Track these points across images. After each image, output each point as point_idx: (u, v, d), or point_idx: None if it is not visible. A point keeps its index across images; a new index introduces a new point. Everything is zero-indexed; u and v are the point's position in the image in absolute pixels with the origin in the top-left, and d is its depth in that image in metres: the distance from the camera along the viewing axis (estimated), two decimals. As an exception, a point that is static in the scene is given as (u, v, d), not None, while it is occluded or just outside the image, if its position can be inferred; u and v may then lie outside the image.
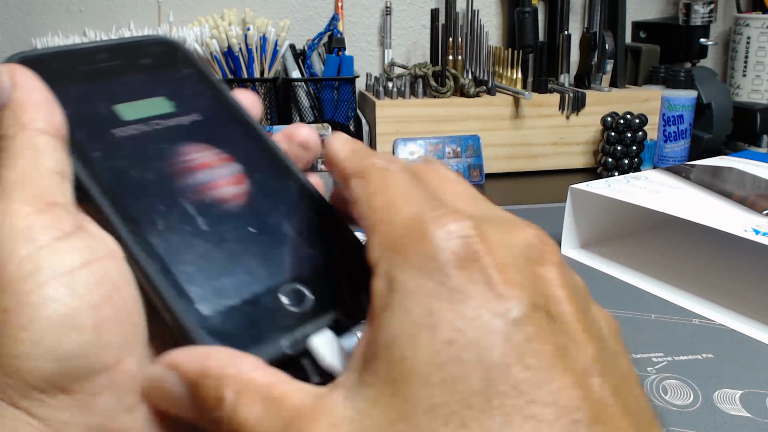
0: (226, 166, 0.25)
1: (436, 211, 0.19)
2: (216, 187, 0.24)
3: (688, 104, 0.91)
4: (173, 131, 0.25)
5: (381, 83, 0.89)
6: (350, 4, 1.04)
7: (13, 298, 0.19)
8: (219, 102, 0.27)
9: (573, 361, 0.17)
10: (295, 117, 0.95)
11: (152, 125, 0.24)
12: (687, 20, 1.02)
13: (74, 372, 0.19)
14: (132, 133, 0.24)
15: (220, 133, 0.26)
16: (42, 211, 0.20)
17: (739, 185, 0.57)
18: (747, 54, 1.04)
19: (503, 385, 0.16)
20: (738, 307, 0.46)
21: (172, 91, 0.26)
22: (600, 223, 0.59)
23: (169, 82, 0.26)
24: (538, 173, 0.90)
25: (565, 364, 0.17)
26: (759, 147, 0.97)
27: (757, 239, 0.43)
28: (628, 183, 0.57)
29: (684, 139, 0.92)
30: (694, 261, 0.55)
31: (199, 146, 0.25)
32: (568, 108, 0.89)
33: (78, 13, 0.99)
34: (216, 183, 0.24)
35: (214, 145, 0.25)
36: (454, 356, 0.17)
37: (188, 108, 0.26)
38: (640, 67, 1.04)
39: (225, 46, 0.89)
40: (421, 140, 0.85)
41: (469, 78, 0.90)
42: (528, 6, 0.96)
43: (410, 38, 1.07)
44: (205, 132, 0.25)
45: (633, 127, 0.86)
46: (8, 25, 0.98)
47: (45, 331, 0.18)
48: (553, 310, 0.17)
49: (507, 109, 0.86)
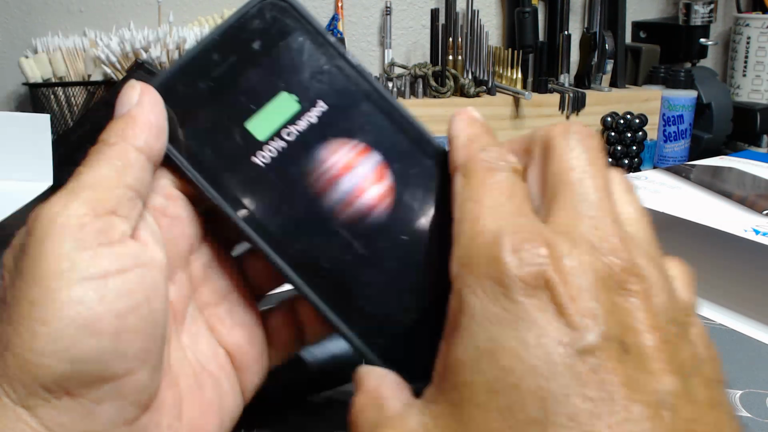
0: (366, 162, 0.24)
1: (515, 233, 0.18)
2: (362, 193, 0.23)
3: (688, 104, 0.91)
4: (305, 138, 0.24)
5: (381, 83, 0.89)
6: (350, 4, 1.04)
7: (42, 292, 0.19)
8: (340, 76, 0.24)
9: (644, 393, 0.16)
10: (295, 117, 0.95)
11: (284, 138, 0.24)
12: (687, 20, 1.02)
13: (84, 376, 0.19)
14: (267, 158, 0.23)
15: (352, 119, 0.24)
16: (98, 216, 0.20)
17: (739, 185, 0.56)
18: (747, 54, 1.04)
19: (560, 415, 0.16)
20: (738, 307, 0.46)
21: (291, 80, 0.24)
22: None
23: (284, 67, 0.24)
24: (538, 173, 0.90)
25: (633, 396, 0.16)
26: (759, 147, 0.97)
27: (757, 239, 0.43)
28: (628, 183, 0.57)
29: (684, 139, 0.92)
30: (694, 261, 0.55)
31: (334, 146, 0.24)
32: (568, 108, 0.89)
33: (78, 13, 0.99)
34: (361, 188, 0.23)
35: (348, 136, 0.24)
36: (513, 384, 0.16)
37: (311, 97, 0.24)
38: (640, 67, 1.04)
39: (225, 46, 0.89)
40: (421, 140, 0.85)
41: (469, 78, 0.90)
42: (528, 6, 0.96)
43: (410, 38, 1.07)
44: (335, 124, 0.24)
45: (633, 127, 0.86)
46: (8, 25, 0.98)
47: (64, 330, 0.19)
48: (628, 340, 0.17)
49: (507, 109, 0.86)
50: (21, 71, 0.88)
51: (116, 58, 0.88)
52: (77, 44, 0.92)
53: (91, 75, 0.90)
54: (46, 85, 0.89)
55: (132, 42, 0.87)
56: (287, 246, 0.23)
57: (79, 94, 0.90)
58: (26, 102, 1.01)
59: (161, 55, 0.87)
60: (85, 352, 0.19)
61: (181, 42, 0.89)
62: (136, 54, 0.87)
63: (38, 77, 0.88)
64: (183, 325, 0.24)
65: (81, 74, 0.91)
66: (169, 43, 0.88)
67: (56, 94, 0.89)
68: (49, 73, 0.90)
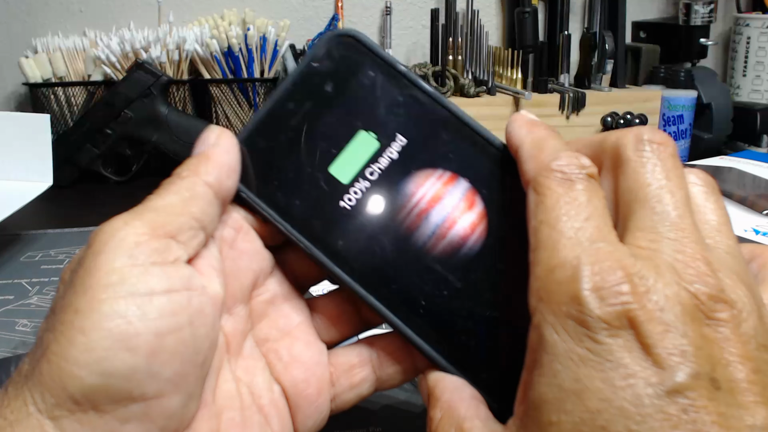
0: (454, 191, 0.23)
1: (595, 264, 0.17)
2: (454, 224, 0.23)
3: (688, 104, 0.91)
4: (389, 175, 0.23)
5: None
6: (350, 4, 1.04)
7: (87, 302, 0.19)
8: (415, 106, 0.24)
9: (736, 429, 0.16)
10: (295, 117, 0.95)
11: (368, 177, 0.24)
12: (687, 20, 1.02)
13: (113, 392, 0.19)
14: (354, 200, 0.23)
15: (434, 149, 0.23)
16: (156, 237, 0.20)
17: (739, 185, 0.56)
18: (747, 54, 1.04)
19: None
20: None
21: (367, 118, 0.24)
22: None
23: (359, 106, 0.24)
24: (538, 173, 0.90)
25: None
26: (759, 147, 0.97)
27: (757, 239, 0.43)
28: (628, 183, 0.57)
29: (684, 139, 0.92)
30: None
31: (419, 179, 0.23)
32: (568, 108, 0.89)
33: (78, 13, 0.99)
34: (452, 218, 0.23)
35: (432, 166, 0.23)
36: (600, 426, 0.16)
37: (390, 132, 0.24)
38: (640, 67, 1.04)
39: (225, 47, 0.89)
40: (421, 140, 0.85)
41: (469, 78, 0.90)
42: (528, 6, 0.96)
43: (410, 38, 1.07)
44: (417, 156, 0.23)
45: (633, 127, 0.86)
46: (8, 25, 0.98)
47: (99, 342, 0.18)
48: (718, 375, 0.16)
49: (507, 109, 0.86)
50: (21, 71, 0.88)
51: (116, 58, 0.88)
52: (77, 44, 0.92)
53: (91, 75, 0.90)
54: (46, 85, 0.89)
55: (132, 42, 0.87)
56: (382, 286, 0.23)
57: (79, 94, 0.90)
58: (26, 102, 1.01)
59: (161, 55, 0.87)
60: (117, 367, 0.18)
61: (181, 42, 0.89)
62: (136, 54, 0.87)
63: (38, 77, 0.88)
64: (239, 357, 0.24)
65: (81, 74, 0.91)
66: (169, 43, 0.88)
67: (56, 94, 0.89)
68: (49, 73, 0.90)
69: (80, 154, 0.86)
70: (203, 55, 0.90)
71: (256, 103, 0.92)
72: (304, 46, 0.97)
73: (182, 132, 0.86)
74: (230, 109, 0.92)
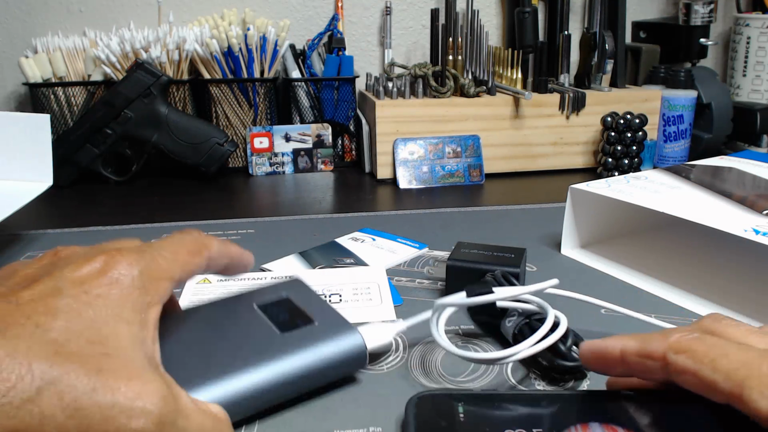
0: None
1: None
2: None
3: (688, 104, 0.91)
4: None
5: (381, 83, 0.89)
6: (350, 4, 1.04)
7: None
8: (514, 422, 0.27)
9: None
10: (295, 117, 0.95)
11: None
12: (687, 20, 1.02)
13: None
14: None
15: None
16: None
17: (739, 185, 0.57)
18: (747, 54, 1.04)
19: None
20: (738, 307, 0.46)
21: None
22: (600, 223, 0.59)
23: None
24: (538, 173, 0.90)
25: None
26: (759, 147, 0.97)
27: (757, 239, 0.43)
28: (628, 183, 0.57)
29: (684, 139, 0.93)
30: (694, 261, 0.55)
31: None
32: (568, 108, 0.89)
33: (78, 13, 0.99)
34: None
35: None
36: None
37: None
38: (640, 67, 1.04)
39: (225, 46, 0.89)
40: (421, 140, 0.85)
41: (469, 78, 0.90)
42: (528, 6, 0.96)
43: (410, 38, 1.08)
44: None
45: (633, 127, 0.86)
46: (8, 25, 0.98)
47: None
48: None
49: (507, 109, 0.86)
50: (21, 71, 0.88)
51: (116, 58, 0.88)
52: (77, 44, 0.92)
53: (91, 75, 0.90)
54: (46, 85, 0.89)
55: (132, 42, 0.87)
56: None
57: (79, 94, 0.90)
58: (26, 102, 1.01)
59: (161, 55, 0.87)
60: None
61: (181, 42, 0.89)
62: (136, 54, 0.87)
63: (38, 77, 0.89)
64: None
65: (81, 74, 0.91)
66: (169, 43, 0.88)
67: (56, 94, 0.89)
68: (49, 73, 0.90)
69: (80, 154, 0.86)
70: (203, 55, 0.90)
71: (256, 103, 0.92)
72: (304, 46, 0.97)
73: (182, 132, 0.86)
74: (230, 108, 0.92)
